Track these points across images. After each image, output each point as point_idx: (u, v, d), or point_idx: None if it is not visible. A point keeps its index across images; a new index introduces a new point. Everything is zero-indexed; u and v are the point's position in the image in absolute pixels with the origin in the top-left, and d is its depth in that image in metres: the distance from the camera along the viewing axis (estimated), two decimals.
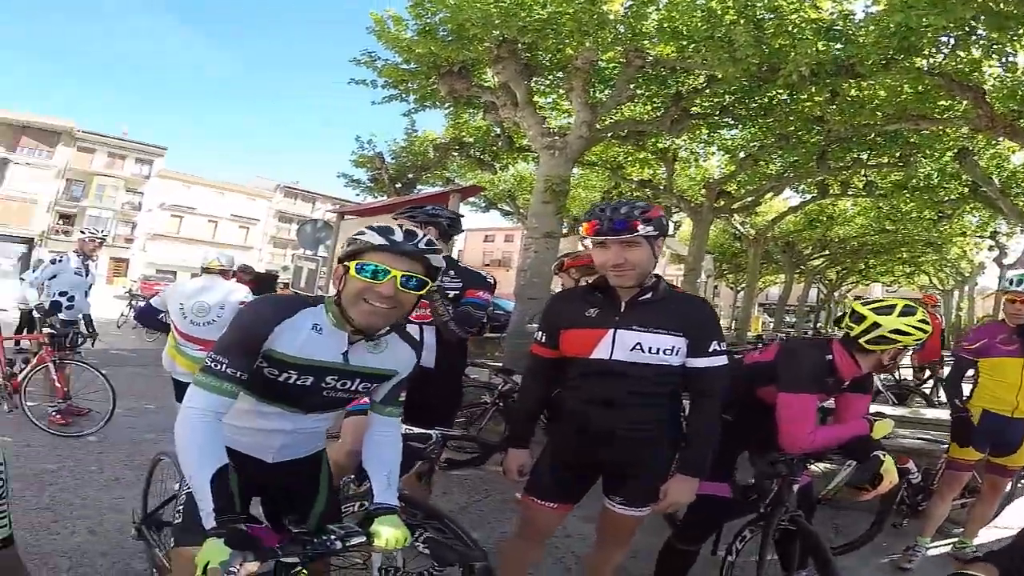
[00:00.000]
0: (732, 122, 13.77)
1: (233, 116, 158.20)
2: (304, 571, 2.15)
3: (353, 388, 2.52)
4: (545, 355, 3.30)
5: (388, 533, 2.31)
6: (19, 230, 56.29)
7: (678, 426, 3.25)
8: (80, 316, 8.19)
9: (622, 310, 3.02)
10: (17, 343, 8.10)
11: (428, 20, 11.02)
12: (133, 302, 21.92)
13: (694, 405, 3.14)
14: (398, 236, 2.29)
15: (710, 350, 3.02)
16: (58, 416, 7.42)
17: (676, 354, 2.99)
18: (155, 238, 65.26)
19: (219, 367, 2.25)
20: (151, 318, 6.25)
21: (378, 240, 2.27)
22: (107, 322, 18.03)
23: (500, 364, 9.15)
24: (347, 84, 13.92)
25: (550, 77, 12.63)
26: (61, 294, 8.09)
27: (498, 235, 79.35)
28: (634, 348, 2.96)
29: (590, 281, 3.28)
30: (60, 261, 8.20)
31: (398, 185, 19.59)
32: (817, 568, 3.48)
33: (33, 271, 8.41)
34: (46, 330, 7.61)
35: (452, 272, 4.30)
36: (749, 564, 3.65)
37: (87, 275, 8.33)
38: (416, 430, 3.42)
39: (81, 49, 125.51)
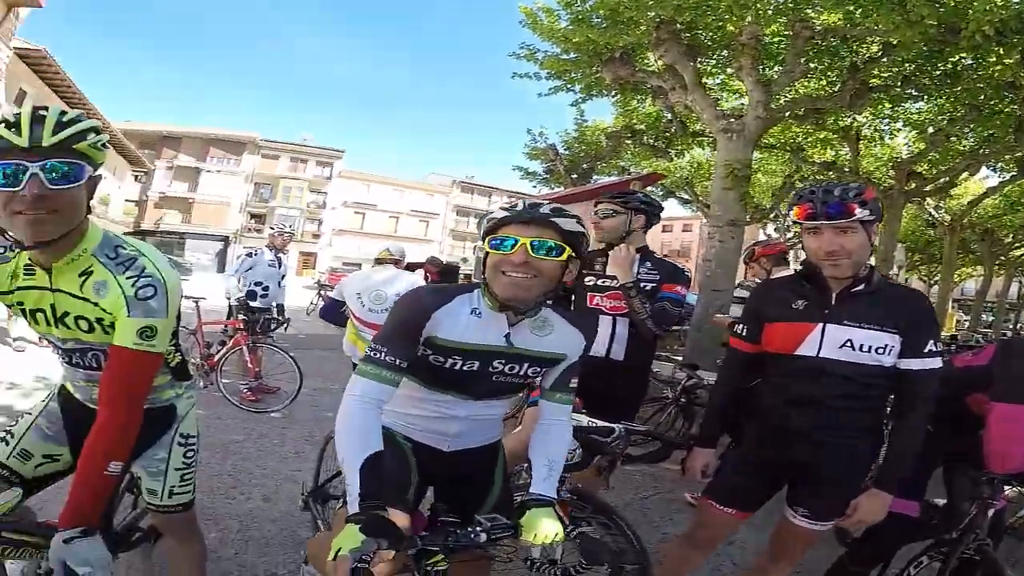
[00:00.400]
0: (916, 93, 12.77)
1: (405, 117, 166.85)
2: (443, 560, 2.15)
3: (521, 372, 2.51)
4: (744, 349, 3.14)
5: (538, 527, 2.28)
6: (216, 229, 64.35)
7: (880, 436, 3.05)
8: (273, 304, 8.97)
9: (833, 303, 2.81)
10: (225, 328, 8.87)
11: (580, 8, 10.99)
12: (321, 291, 23.84)
13: (901, 413, 2.87)
14: (521, 206, 2.32)
15: (926, 350, 2.76)
16: (249, 393, 8.23)
17: (889, 353, 2.75)
18: (340, 233, 70.69)
19: (379, 355, 2.32)
20: (334, 314, 6.70)
21: (502, 213, 2.33)
22: (298, 310, 19.27)
23: (681, 359, 8.90)
24: (511, 79, 14.07)
25: (715, 56, 12.26)
26: (256, 284, 8.85)
27: (676, 225, 78.12)
28: (844, 345, 2.76)
29: (780, 272, 3.11)
30: (255, 255, 8.98)
31: (574, 176, 19.69)
32: None
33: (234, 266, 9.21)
34: (240, 316, 8.40)
35: (648, 264, 4.13)
36: None
37: (280, 267, 9.08)
38: (600, 423, 3.33)
39: (262, 68, 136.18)
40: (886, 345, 2.73)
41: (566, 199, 11.19)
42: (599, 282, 4.14)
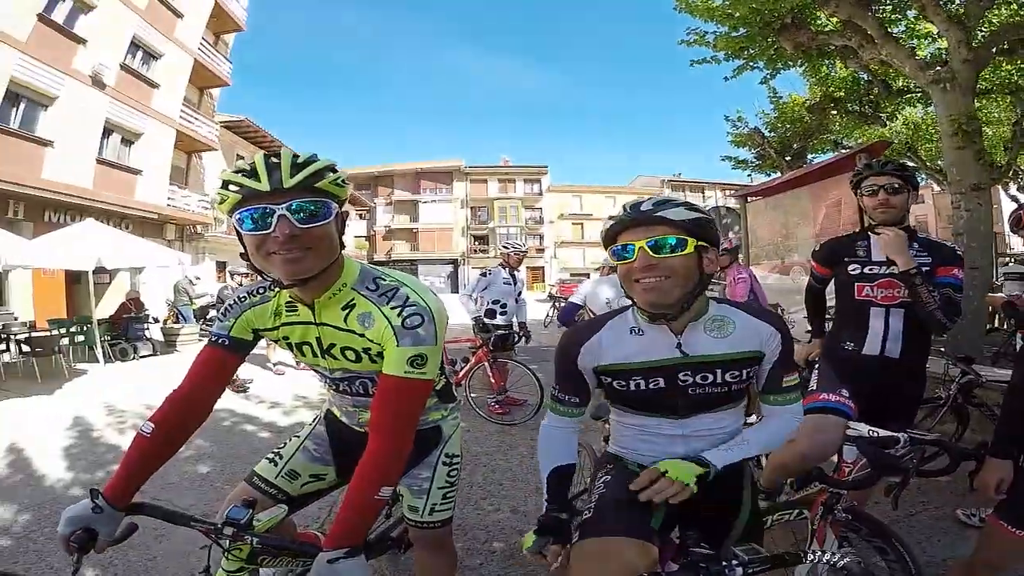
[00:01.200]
0: None
1: (597, 126, 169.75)
2: None
3: (718, 380, 2.40)
4: None
5: (672, 467, 2.25)
6: (444, 254, 70.48)
7: None
8: (514, 320, 9.29)
9: None
10: (470, 345, 9.30)
11: None
12: (556, 303, 25.83)
13: None
14: (629, 209, 2.30)
15: None
16: (496, 406, 8.76)
17: None
18: (562, 245, 73.85)
19: (556, 391, 2.57)
20: (571, 317, 7.15)
21: (610, 223, 2.32)
22: (535, 323, 19.73)
23: (943, 351, 7.61)
24: (689, 66, 13.37)
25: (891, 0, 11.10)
26: (494, 303, 9.21)
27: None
28: None
29: None
30: (489, 275, 9.29)
31: (787, 158, 18.73)
32: None
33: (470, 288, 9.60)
34: (480, 334, 8.83)
35: (916, 245, 3.65)
36: None
37: (515, 284, 9.36)
38: (883, 433, 2.97)
39: (459, 99, 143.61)
40: None
41: (789, 184, 10.56)
42: (865, 270, 3.76)
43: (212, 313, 19.42)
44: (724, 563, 2.10)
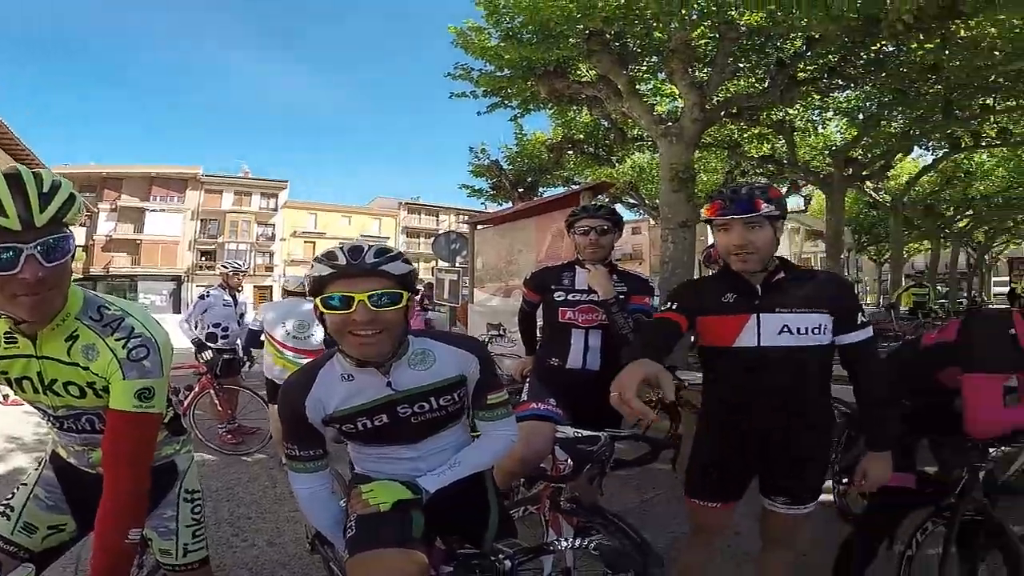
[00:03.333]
0: (842, 83, 13.03)
1: (344, 143, 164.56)
2: None
3: (435, 406, 2.50)
4: (677, 320, 2.99)
5: (373, 490, 2.38)
6: (167, 269, 62.80)
7: (831, 412, 3.16)
8: (238, 343, 8.65)
9: (760, 293, 2.90)
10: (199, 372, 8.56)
11: (509, 25, 11.02)
12: None
13: (859, 382, 2.97)
14: (342, 259, 2.23)
15: (858, 323, 2.89)
16: (228, 436, 8.07)
17: (824, 332, 2.86)
18: (292, 264, 68.25)
19: (293, 451, 2.49)
20: (256, 340, 7.52)
21: (327, 269, 2.23)
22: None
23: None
24: (449, 99, 14.04)
25: (647, 63, 12.44)
26: (215, 326, 8.56)
27: (624, 229, 78.00)
28: (782, 331, 2.83)
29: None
30: (207, 297, 8.69)
31: (520, 190, 19.77)
32: (1005, 560, 3.24)
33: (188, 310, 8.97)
34: (201, 360, 8.19)
35: (615, 276, 4.18)
36: (926, 558, 3.43)
37: (236, 305, 8.83)
38: (585, 433, 3.33)
39: (198, 102, 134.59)
40: (820, 324, 2.83)
41: (517, 214, 11.22)
42: (569, 296, 4.23)
43: None
44: (493, 558, 2.33)
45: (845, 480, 4.91)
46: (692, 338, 3.19)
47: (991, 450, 3.35)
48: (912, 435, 3.61)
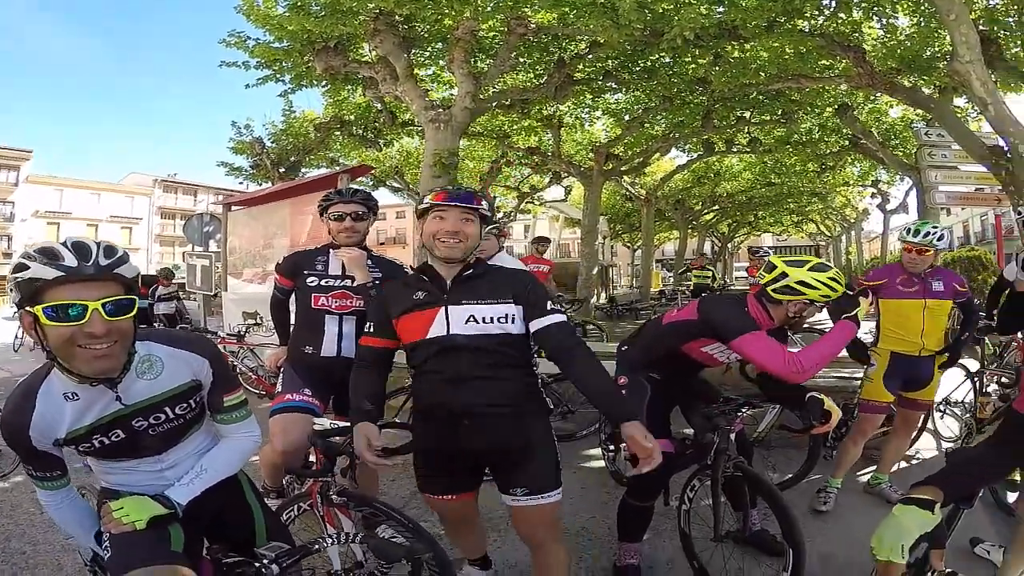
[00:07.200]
0: (616, 86, 13.85)
1: (98, 110, 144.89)
2: None
3: (171, 416, 2.38)
4: (377, 345, 3.15)
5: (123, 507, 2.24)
6: None
7: (542, 398, 3.20)
8: None
9: (449, 288, 3.00)
10: None
11: None
12: None
13: (566, 364, 3.02)
14: (71, 259, 1.97)
15: (548, 308, 3.00)
16: None
17: (513, 321, 2.98)
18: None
19: (31, 471, 2.31)
20: None
21: (52, 272, 1.94)
22: (4, 347, 17.06)
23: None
24: (218, 67, 13.11)
25: (430, 49, 12.43)
26: None
27: (389, 212, 77.14)
28: (468, 320, 2.93)
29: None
30: None
31: (281, 170, 19.03)
32: (769, 506, 3.59)
33: None
34: None
35: (370, 262, 4.15)
36: (703, 509, 3.86)
37: None
38: (339, 423, 3.30)
39: None
40: (507, 314, 2.98)
41: (272, 195, 10.79)
42: (322, 282, 4.18)
43: None
44: (258, 564, 2.27)
45: (612, 447, 5.48)
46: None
47: (741, 412, 3.85)
48: (663, 403, 4.00)
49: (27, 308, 1.97)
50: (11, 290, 2.01)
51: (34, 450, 2.22)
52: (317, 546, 2.62)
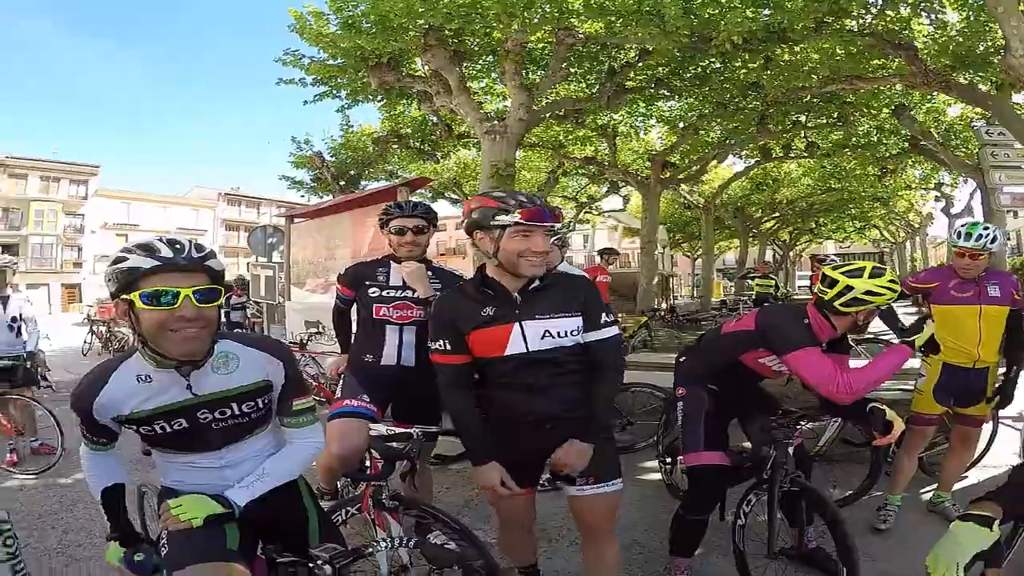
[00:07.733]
0: (668, 94, 13.77)
1: (163, 128, 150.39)
2: None
3: (237, 412, 2.43)
4: (453, 362, 3.09)
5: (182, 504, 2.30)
6: None
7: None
8: (23, 351, 7.41)
9: (519, 302, 2.99)
10: None
11: (349, 13, 10.71)
12: (94, 327, 20.54)
13: (595, 377, 3.08)
14: (166, 251, 2.14)
15: (602, 323, 3.06)
16: (12, 455, 7.02)
17: (579, 332, 3.03)
18: (103, 259, 62.30)
19: (84, 432, 2.45)
20: None
21: (149, 262, 2.12)
22: (73, 351, 17.63)
23: None
24: (275, 85, 13.40)
25: (481, 62, 12.51)
26: None
27: (449, 224, 77.62)
28: (544, 336, 2.97)
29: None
30: None
31: (341, 183, 19.35)
32: (827, 524, 3.53)
33: None
34: None
35: (431, 273, 4.19)
36: (758, 525, 3.74)
37: (5, 309, 7.38)
38: (396, 429, 3.38)
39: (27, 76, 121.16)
40: (578, 327, 3.03)
41: (334, 208, 10.95)
42: (383, 293, 4.20)
43: None
44: (312, 564, 2.33)
45: (668, 460, 5.45)
46: None
47: (800, 425, 3.77)
48: (722, 415, 3.94)
49: (123, 296, 2.13)
50: (108, 280, 2.18)
51: (93, 419, 2.36)
52: (370, 549, 2.67)
